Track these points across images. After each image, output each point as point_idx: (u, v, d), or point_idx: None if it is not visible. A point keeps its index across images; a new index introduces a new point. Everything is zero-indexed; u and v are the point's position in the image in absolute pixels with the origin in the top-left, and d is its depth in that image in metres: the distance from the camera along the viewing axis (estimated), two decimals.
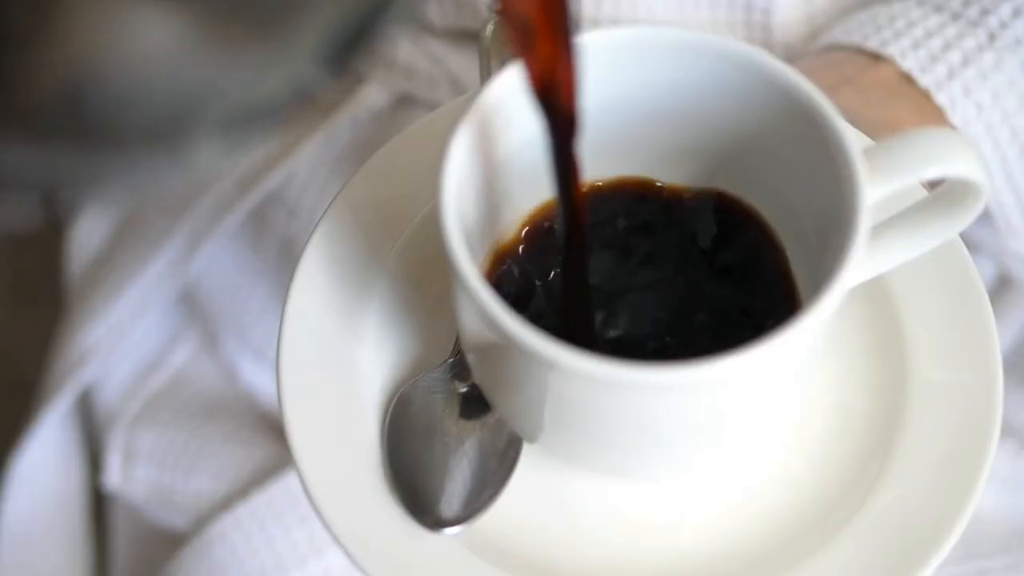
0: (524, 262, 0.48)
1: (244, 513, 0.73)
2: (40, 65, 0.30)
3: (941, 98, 0.61)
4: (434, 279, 0.50)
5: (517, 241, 0.48)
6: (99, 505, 0.84)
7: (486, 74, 0.52)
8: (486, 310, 0.41)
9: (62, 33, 0.30)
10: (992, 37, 0.62)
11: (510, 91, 0.43)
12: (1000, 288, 0.75)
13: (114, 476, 0.78)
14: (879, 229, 0.45)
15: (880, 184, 0.42)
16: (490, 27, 0.52)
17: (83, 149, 0.31)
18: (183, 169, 0.33)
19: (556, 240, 0.47)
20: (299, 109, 0.33)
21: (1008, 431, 0.73)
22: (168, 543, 0.78)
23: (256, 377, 0.79)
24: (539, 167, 0.44)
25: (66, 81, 0.30)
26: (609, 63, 0.45)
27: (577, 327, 0.47)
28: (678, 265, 0.49)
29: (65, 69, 0.30)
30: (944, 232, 0.45)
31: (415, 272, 0.51)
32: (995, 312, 0.73)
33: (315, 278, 0.50)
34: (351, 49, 0.33)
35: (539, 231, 0.48)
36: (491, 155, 0.44)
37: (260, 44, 0.31)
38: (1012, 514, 0.73)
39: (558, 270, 0.48)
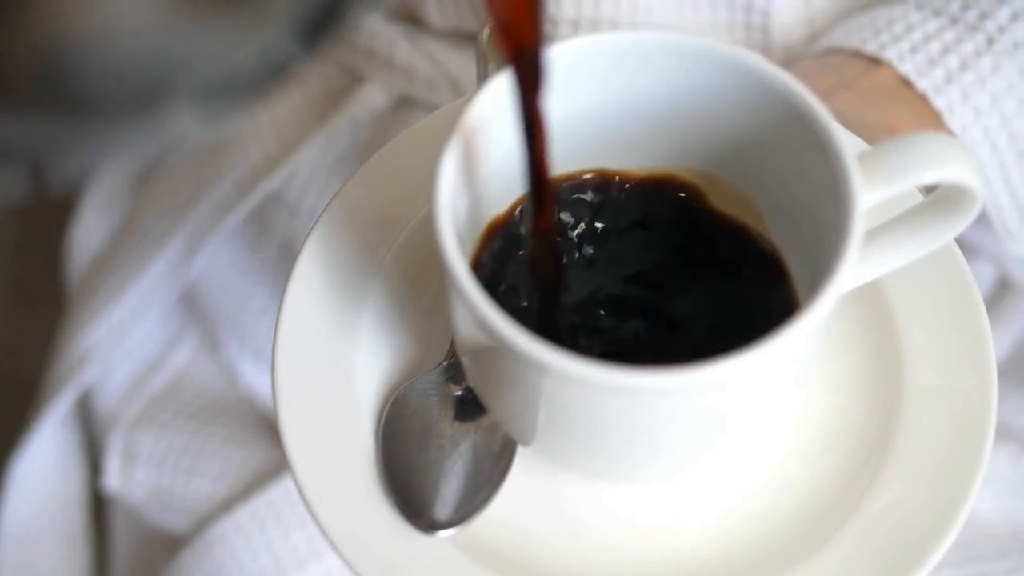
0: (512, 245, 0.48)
1: (244, 515, 0.73)
2: (17, 38, 0.30)
3: (939, 102, 0.61)
4: (430, 281, 0.50)
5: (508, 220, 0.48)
6: (99, 507, 0.84)
7: (484, 76, 0.52)
8: (480, 314, 0.41)
9: (38, 5, 0.30)
10: (990, 41, 0.62)
11: (503, 94, 0.43)
12: (1000, 291, 0.75)
13: (114, 478, 0.78)
14: (874, 233, 0.45)
15: (875, 189, 0.42)
16: (487, 29, 0.52)
17: (62, 119, 0.32)
18: (163, 137, 0.33)
19: (524, 221, 0.46)
20: (274, 83, 0.33)
21: (1008, 434, 0.73)
22: (168, 545, 0.78)
23: (256, 378, 0.79)
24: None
25: (43, 53, 0.31)
26: (606, 66, 0.46)
27: (545, 310, 0.47)
28: (674, 265, 0.49)
29: (42, 41, 0.31)
30: (939, 237, 0.45)
31: (411, 274, 0.51)
32: (995, 315, 0.73)
33: (311, 280, 0.50)
34: (323, 24, 0.33)
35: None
36: (485, 157, 0.45)
37: (231, 15, 0.32)
38: (1012, 517, 0.73)
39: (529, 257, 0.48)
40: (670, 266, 0.49)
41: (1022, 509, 0.73)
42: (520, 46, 0.41)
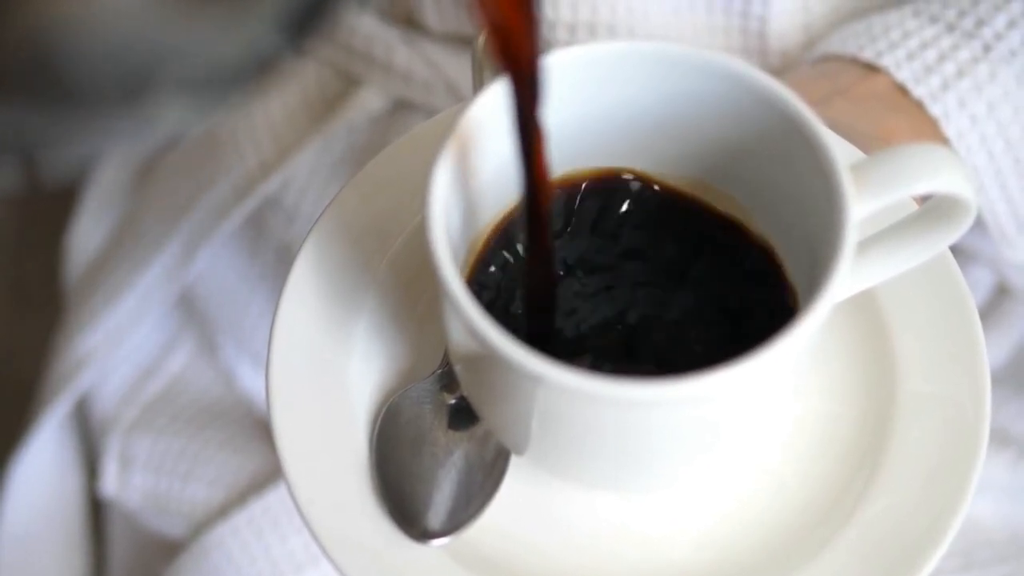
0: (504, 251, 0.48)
1: (241, 521, 0.73)
2: (5, 27, 0.31)
3: (935, 110, 0.61)
4: (424, 290, 0.50)
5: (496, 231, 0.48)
6: (97, 511, 0.84)
7: (479, 84, 0.52)
8: (472, 325, 0.41)
9: None
10: (987, 48, 0.62)
11: (499, 102, 0.44)
12: (998, 297, 0.75)
13: (110, 483, 0.78)
14: (866, 243, 0.45)
15: (868, 200, 0.42)
16: (483, 37, 0.52)
17: (52, 109, 0.32)
18: (152, 129, 0.33)
19: (520, 229, 0.46)
20: (261, 77, 0.34)
21: (1007, 440, 0.73)
22: (165, 550, 0.78)
23: (254, 382, 0.79)
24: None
25: (32, 43, 0.31)
26: (599, 75, 0.46)
27: (540, 319, 0.47)
28: (669, 270, 0.49)
29: (30, 31, 0.31)
30: (932, 247, 0.45)
31: (405, 283, 0.51)
32: (993, 321, 0.73)
33: (306, 288, 0.50)
34: (309, 20, 0.33)
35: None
36: (480, 164, 0.45)
37: (218, 8, 0.32)
38: (1010, 523, 0.73)
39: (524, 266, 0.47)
40: (665, 272, 0.49)
41: (1021, 514, 0.73)
42: (517, 61, 0.41)
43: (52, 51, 0.31)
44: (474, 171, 0.44)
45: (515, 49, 0.41)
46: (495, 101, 0.44)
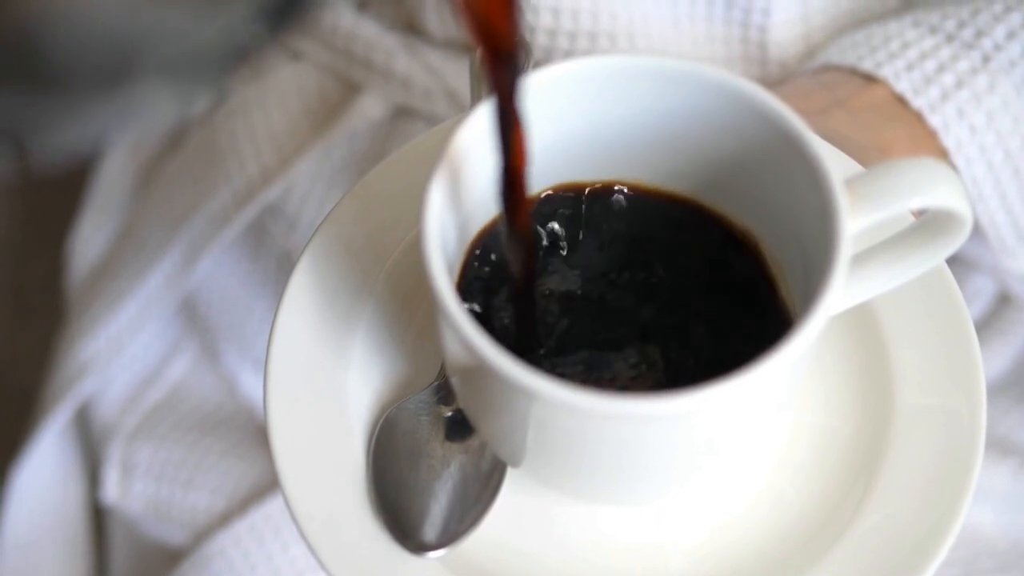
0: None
1: (242, 529, 0.73)
2: None
3: (934, 120, 0.61)
4: (421, 302, 0.51)
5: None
6: (98, 519, 0.84)
7: (478, 96, 0.52)
8: (468, 341, 0.41)
9: None
10: (986, 59, 0.62)
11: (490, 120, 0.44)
12: (1000, 306, 0.74)
13: (112, 490, 0.78)
14: (862, 257, 0.45)
15: (862, 214, 0.42)
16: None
17: (34, 95, 0.33)
18: (136, 114, 0.34)
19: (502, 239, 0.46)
20: (239, 63, 0.34)
21: (1009, 449, 0.73)
22: (166, 558, 0.78)
23: (256, 389, 0.79)
24: None
25: (15, 30, 0.31)
26: (594, 89, 0.46)
27: (527, 325, 0.47)
28: (666, 282, 0.49)
29: (14, 18, 0.31)
30: (928, 260, 0.45)
31: (402, 295, 0.51)
32: (995, 329, 0.73)
33: (302, 301, 0.50)
34: (286, 8, 0.34)
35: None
36: (473, 181, 0.45)
37: None
38: (1012, 532, 0.73)
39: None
40: (661, 284, 0.49)
41: (1022, 523, 0.73)
42: (495, 40, 0.41)
43: (35, 37, 0.31)
44: (470, 184, 0.44)
45: (493, 30, 0.41)
46: (487, 118, 0.44)
